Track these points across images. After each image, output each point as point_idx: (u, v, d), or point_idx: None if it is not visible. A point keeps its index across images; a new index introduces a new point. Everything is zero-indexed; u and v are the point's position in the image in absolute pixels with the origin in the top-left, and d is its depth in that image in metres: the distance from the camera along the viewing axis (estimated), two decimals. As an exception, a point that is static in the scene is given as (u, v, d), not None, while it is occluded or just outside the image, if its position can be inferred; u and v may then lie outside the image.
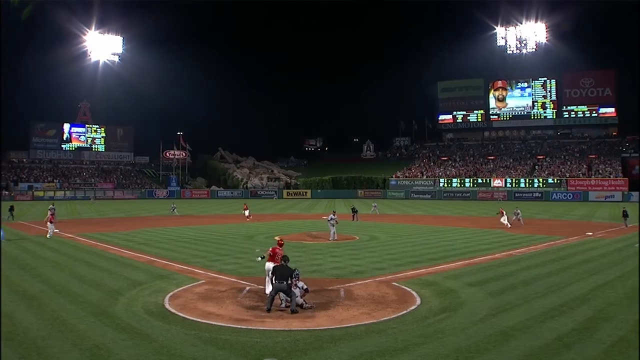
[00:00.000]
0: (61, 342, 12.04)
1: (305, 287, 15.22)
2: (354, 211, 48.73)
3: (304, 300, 14.95)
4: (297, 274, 15.33)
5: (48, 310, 14.79)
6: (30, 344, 11.92)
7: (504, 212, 42.63)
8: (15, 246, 29.91)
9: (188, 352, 11.29)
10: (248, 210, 52.08)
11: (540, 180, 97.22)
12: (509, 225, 40.84)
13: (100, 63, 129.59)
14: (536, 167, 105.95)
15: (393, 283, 18.49)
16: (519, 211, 44.24)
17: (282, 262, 15.51)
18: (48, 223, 35.08)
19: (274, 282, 14.94)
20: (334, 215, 32.87)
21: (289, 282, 14.79)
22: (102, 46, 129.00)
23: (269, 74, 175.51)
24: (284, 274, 14.91)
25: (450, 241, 31.91)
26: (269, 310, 14.53)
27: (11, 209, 50.53)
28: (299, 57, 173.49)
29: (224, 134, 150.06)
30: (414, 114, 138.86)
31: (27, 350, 11.48)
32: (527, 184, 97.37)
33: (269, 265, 16.10)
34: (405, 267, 21.89)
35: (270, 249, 16.82)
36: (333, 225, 32.22)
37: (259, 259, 17.62)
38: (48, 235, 33.72)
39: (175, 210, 59.29)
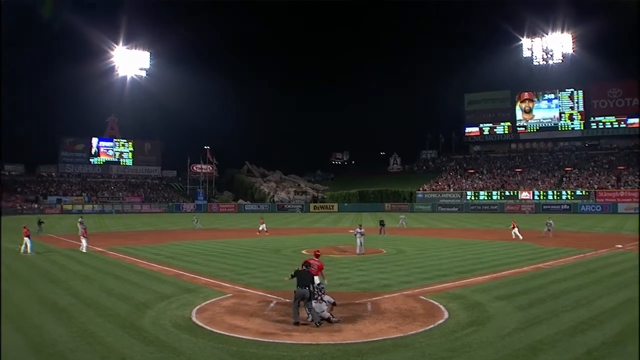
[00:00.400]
0: (89, 354, 12.15)
1: (332, 300, 15.16)
2: (382, 224, 48.47)
3: (331, 314, 14.89)
4: (322, 288, 15.32)
5: (77, 322, 14.93)
6: (58, 356, 12.05)
7: (516, 225, 42.33)
8: (45, 259, 30.29)
9: (215, 365, 11.33)
10: (264, 225, 50.33)
11: (569, 192, 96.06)
12: (521, 238, 40.44)
13: (128, 78, 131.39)
14: (564, 178, 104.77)
15: (420, 297, 18.38)
16: (551, 222, 43.65)
17: (304, 268, 15.61)
18: (82, 237, 35.13)
19: (296, 288, 14.94)
20: (360, 228, 32.71)
21: (311, 288, 14.85)
22: (130, 61, 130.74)
23: (295, 88, 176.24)
24: (305, 279, 15.00)
25: (477, 254, 31.66)
26: (296, 324, 14.51)
27: (40, 222, 51.20)
28: (326, 71, 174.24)
29: (250, 148, 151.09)
30: (440, 127, 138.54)
31: (56, 362, 11.61)
32: (555, 196, 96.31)
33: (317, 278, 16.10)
34: (433, 281, 21.73)
35: (305, 261, 16.83)
36: (360, 239, 32.06)
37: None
38: (84, 250, 33.63)
39: (197, 223, 59.43)
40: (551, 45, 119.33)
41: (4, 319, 15.20)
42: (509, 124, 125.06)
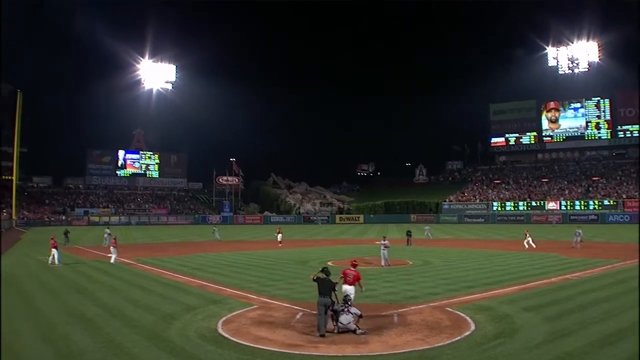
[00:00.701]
0: (116, 365, 12.20)
1: (359, 312, 15.10)
2: (409, 235, 48.22)
3: (357, 326, 14.82)
4: (349, 300, 15.28)
5: (103, 333, 15.03)
6: (86, 366, 12.12)
7: (529, 234, 42.38)
8: (72, 270, 30.60)
9: (241, 376, 11.32)
10: (281, 235, 50.64)
11: (596, 202, 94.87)
12: (534, 246, 40.25)
13: (154, 91, 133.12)
14: (591, 188, 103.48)
15: (447, 308, 18.23)
16: (580, 231, 42.97)
17: (323, 275, 15.71)
18: (111, 247, 34.91)
19: (318, 297, 15.15)
20: (384, 240, 32.59)
21: (332, 297, 15.09)
22: (156, 74, 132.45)
23: (320, 100, 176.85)
24: (325, 287, 15.20)
25: (504, 265, 31.38)
26: (322, 336, 14.46)
27: (66, 233, 51.97)
28: (350, 82, 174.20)
29: (276, 160, 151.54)
30: (465, 137, 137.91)
31: (83, 373, 11.69)
32: (582, 206, 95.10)
33: (345, 287, 16.16)
34: (459, 292, 21.57)
35: (342, 271, 16.92)
36: (383, 251, 31.89)
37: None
38: (113, 262, 33.47)
39: (216, 234, 59.74)
40: (577, 54, 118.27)
41: (35, 331, 15.43)
42: (535, 133, 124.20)
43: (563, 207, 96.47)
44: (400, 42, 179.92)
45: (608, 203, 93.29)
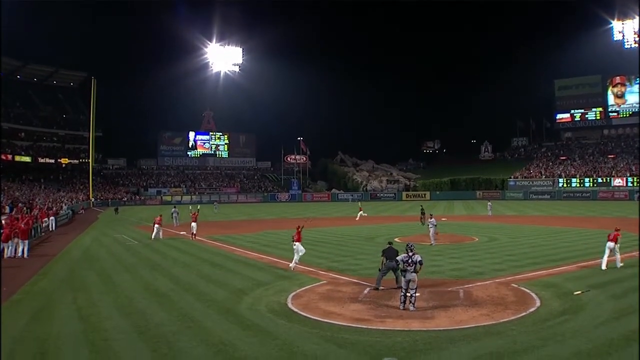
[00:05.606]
0: (189, 337, 12.70)
1: (420, 259, 15.24)
2: (422, 213, 46.25)
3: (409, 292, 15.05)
4: (411, 246, 15.53)
5: (177, 307, 15.64)
6: (161, 337, 12.66)
7: (362, 208, 45.30)
8: (147, 248, 31.60)
9: (310, 349, 11.63)
10: (195, 223, 37.80)
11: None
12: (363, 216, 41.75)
13: (222, 73, 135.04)
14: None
15: (512, 284, 18.21)
16: None
17: (389, 245, 17.93)
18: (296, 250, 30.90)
19: (384, 262, 17.60)
20: (431, 218, 31.98)
21: (398, 262, 16.07)
22: (223, 57, 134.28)
23: (386, 78, 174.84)
24: (391, 254, 17.21)
25: (570, 242, 30.84)
26: (376, 289, 17.35)
27: (116, 209, 57.69)
28: (415, 59, 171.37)
29: (343, 138, 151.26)
30: (531, 114, 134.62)
31: (158, 343, 12.22)
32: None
33: (609, 244, 20.80)
34: (525, 269, 21.47)
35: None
36: (431, 229, 30.97)
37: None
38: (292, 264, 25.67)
39: (217, 209, 70.26)
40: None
41: (113, 304, 16.23)
42: (600, 109, 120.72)
43: (629, 184, 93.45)
44: (465, 18, 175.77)
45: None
